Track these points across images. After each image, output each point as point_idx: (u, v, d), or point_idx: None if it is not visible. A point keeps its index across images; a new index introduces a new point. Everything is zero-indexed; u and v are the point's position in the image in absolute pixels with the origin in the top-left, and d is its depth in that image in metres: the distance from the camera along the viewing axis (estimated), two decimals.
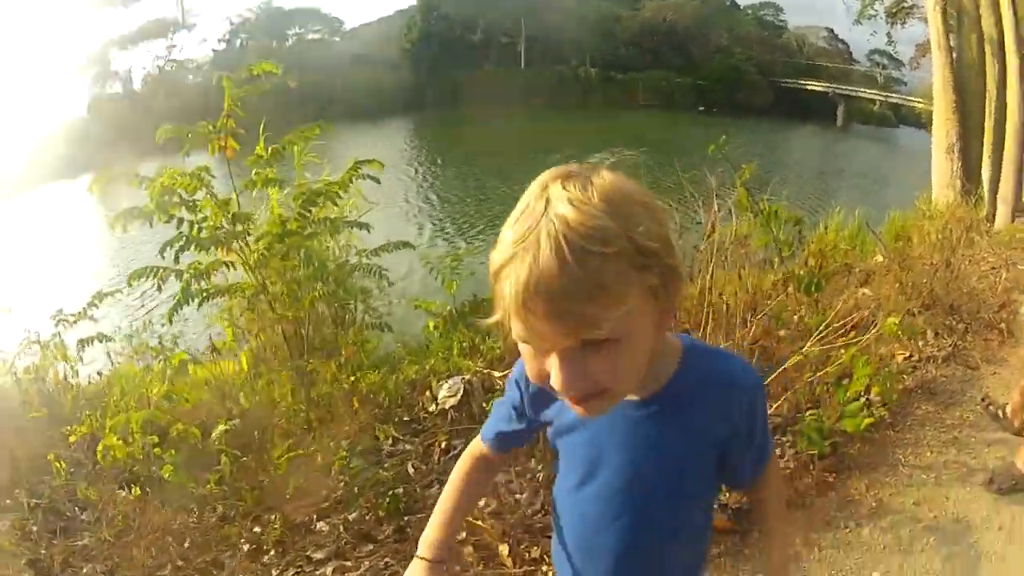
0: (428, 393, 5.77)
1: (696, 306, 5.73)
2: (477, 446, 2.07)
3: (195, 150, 5.99)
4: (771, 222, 6.10)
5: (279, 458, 4.90)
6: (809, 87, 62.35)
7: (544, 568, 4.03)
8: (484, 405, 5.44)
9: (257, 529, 4.54)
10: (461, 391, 5.53)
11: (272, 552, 4.35)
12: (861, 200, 15.21)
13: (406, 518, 4.56)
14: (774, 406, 5.30)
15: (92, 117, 45.31)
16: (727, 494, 4.52)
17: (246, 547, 4.40)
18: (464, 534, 4.28)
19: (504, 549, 4.16)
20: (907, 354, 6.37)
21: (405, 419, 5.68)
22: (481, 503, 4.45)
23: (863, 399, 5.26)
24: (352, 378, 5.80)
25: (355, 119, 42.78)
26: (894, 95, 56.32)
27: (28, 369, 6.75)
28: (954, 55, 12.79)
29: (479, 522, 4.30)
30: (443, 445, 5.26)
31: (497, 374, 5.89)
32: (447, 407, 5.52)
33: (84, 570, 4.32)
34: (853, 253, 10.01)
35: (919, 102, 45.72)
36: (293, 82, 6.49)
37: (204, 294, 6.04)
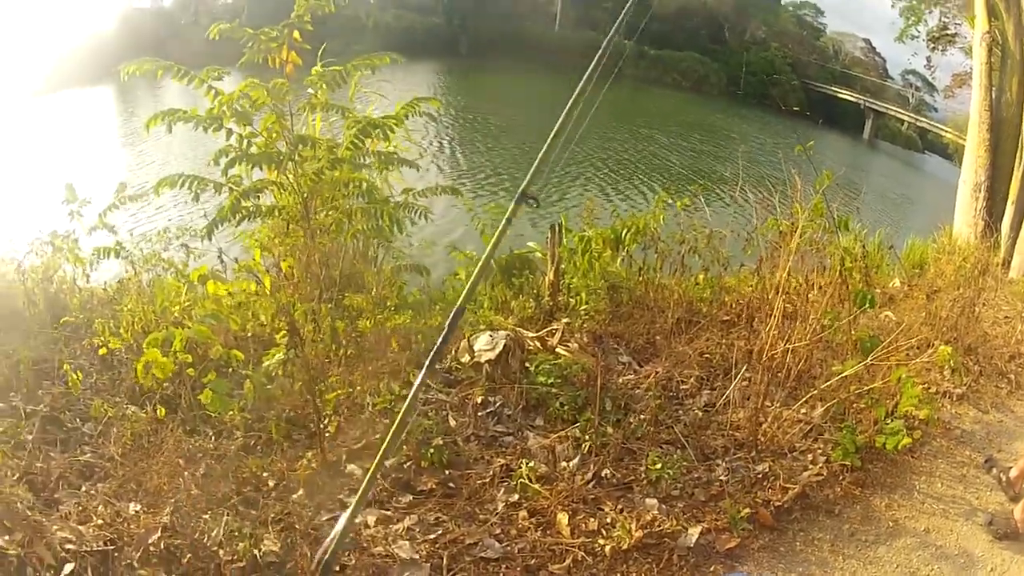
0: (463, 343, 5.69)
1: (765, 301, 5.79)
2: None
3: (218, 66, 5.72)
4: (841, 230, 6.17)
5: (327, 394, 4.77)
6: (841, 95, 61.78)
7: (601, 541, 4.04)
8: (524, 364, 5.46)
9: (282, 464, 4.39)
10: (502, 347, 5.46)
11: (301, 491, 4.22)
12: (882, 220, 15.15)
13: (447, 471, 4.53)
14: (813, 412, 5.46)
15: (119, 28, 44.48)
16: (771, 491, 4.70)
17: (271, 482, 4.27)
18: (516, 496, 4.31)
19: (563, 518, 4.16)
20: (924, 385, 6.36)
21: (437, 367, 5.60)
22: (531, 464, 4.43)
23: (902, 419, 5.36)
24: (380, 317, 5.68)
25: None
26: (924, 119, 55.80)
27: (35, 268, 6.40)
28: (994, 94, 12.65)
29: (534, 484, 4.28)
30: (479, 400, 5.24)
31: (529, 334, 5.85)
32: (483, 360, 5.46)
33: (83, 488, 4.03)
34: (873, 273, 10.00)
35: (949, 132, 45.50)
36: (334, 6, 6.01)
37: (247, 212, 5.93)
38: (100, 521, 3.58)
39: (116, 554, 3.41)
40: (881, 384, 5.47)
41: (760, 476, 4.84)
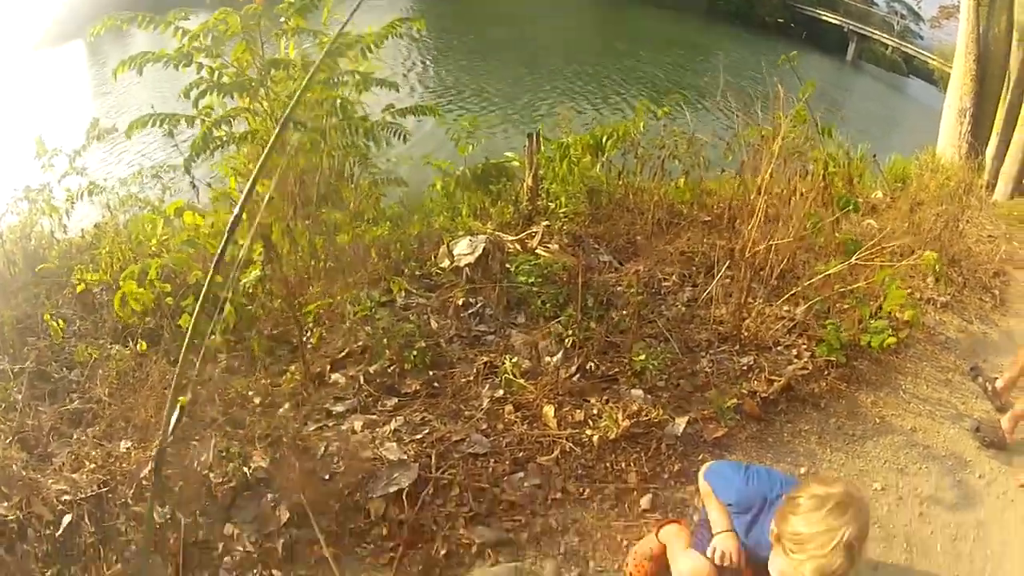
0: (442, 249, 5.69)
1: (747, 203, 5.79)
2: None
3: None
4: (825, 137, 6.19)
5: (307, 307, 4.75)
6: (824, 18, 61.24)
7: (588, 432, 4.06)
8: (504, 265, 5.47)
9: (266, 381, 4.39)
10: (481, 250, 5.45)
11: (287, 405, 4.22)
12: (864, 136, 15.20)
13: (431, 372, 4.52)
14: (796, 309, 5.47)
15: None
16: (756, 382, 4.74)
17: (257, 400, 4.27)
18: (501, 391, 4.33)
19: (549, 410, 4.17)
20: (909, 290, 6.41)
21: (416, 274, 5.61)
22: (514, 360, 4.44)
23: (886, 319, 5.36)
24: (359, 230, 5.65)
25: None
26: (909, 46, 55.42)
27: (12, 228, 6.36)
28: (981, 28, 12.71)
29: (518, 379, 4.30)
30: (460, 301, 5.23)
31: (508, 237, 5.85)
32: (462, 264, 5.45)
33: (74, 435, 4.01)
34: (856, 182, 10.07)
35: (934, 59, 45.27)
36: None
37: (220, 141, 5.86)
38: (92, 465, 3.59)
39: (110, 495, 3.42)
40: (865, 284, 5.48)
41: (745, 368, 4.86)
